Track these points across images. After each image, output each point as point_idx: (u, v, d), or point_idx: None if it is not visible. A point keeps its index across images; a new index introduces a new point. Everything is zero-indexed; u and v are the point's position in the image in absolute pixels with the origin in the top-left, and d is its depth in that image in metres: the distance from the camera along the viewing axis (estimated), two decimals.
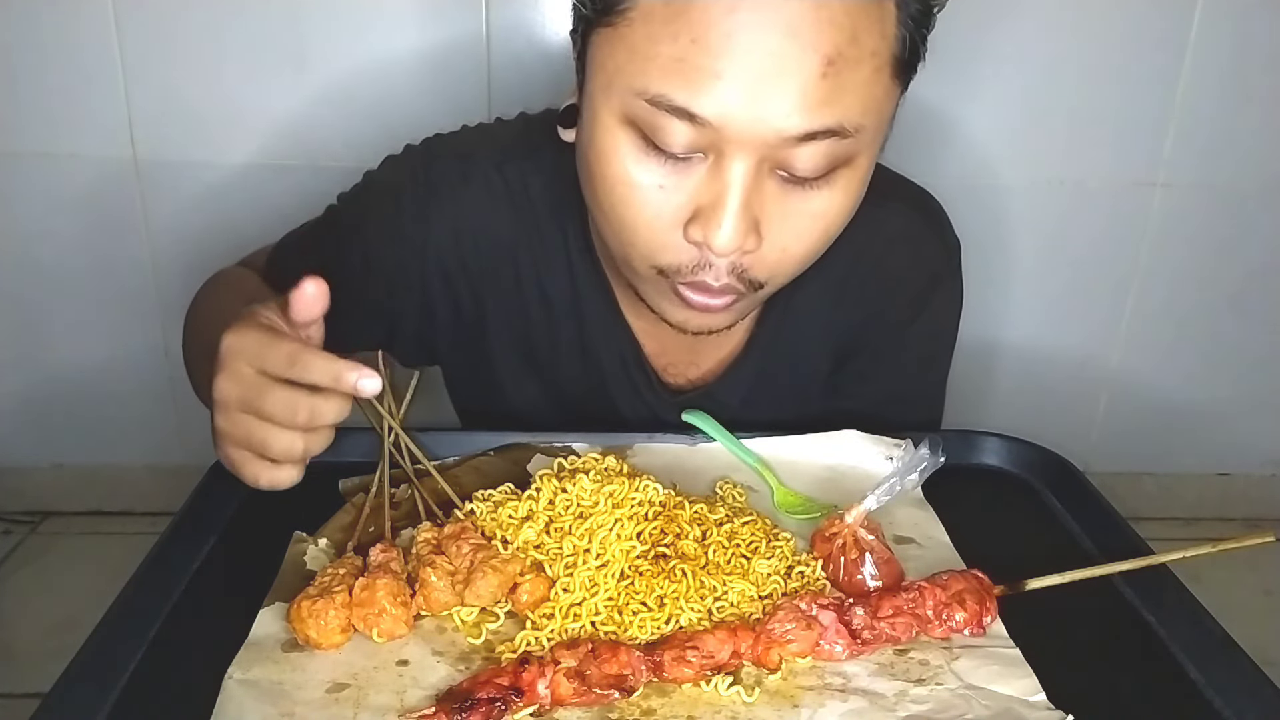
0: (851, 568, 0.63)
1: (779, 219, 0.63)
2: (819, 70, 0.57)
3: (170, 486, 1.11)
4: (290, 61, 1.40)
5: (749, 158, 0.59)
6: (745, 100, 0.57)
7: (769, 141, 0.58)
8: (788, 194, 0.62)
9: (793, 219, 0.63)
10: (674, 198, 0.62)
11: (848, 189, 0.64)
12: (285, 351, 0.54)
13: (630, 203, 0.63)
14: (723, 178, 0.60)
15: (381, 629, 0.57)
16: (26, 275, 1.52)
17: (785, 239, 0.64)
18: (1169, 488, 1.79)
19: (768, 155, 0.60)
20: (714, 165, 0.60)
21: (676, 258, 0.64)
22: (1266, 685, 0.56)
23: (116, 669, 0.56)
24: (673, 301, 0.68)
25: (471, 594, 0.59)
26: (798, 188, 0.62)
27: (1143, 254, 1.60)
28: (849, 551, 0.64)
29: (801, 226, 0.64)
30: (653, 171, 0.61)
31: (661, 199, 0.62)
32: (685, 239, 0.63)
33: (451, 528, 0.64)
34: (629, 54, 0.59)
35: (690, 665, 0.55)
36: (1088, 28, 1.44)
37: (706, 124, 0.58)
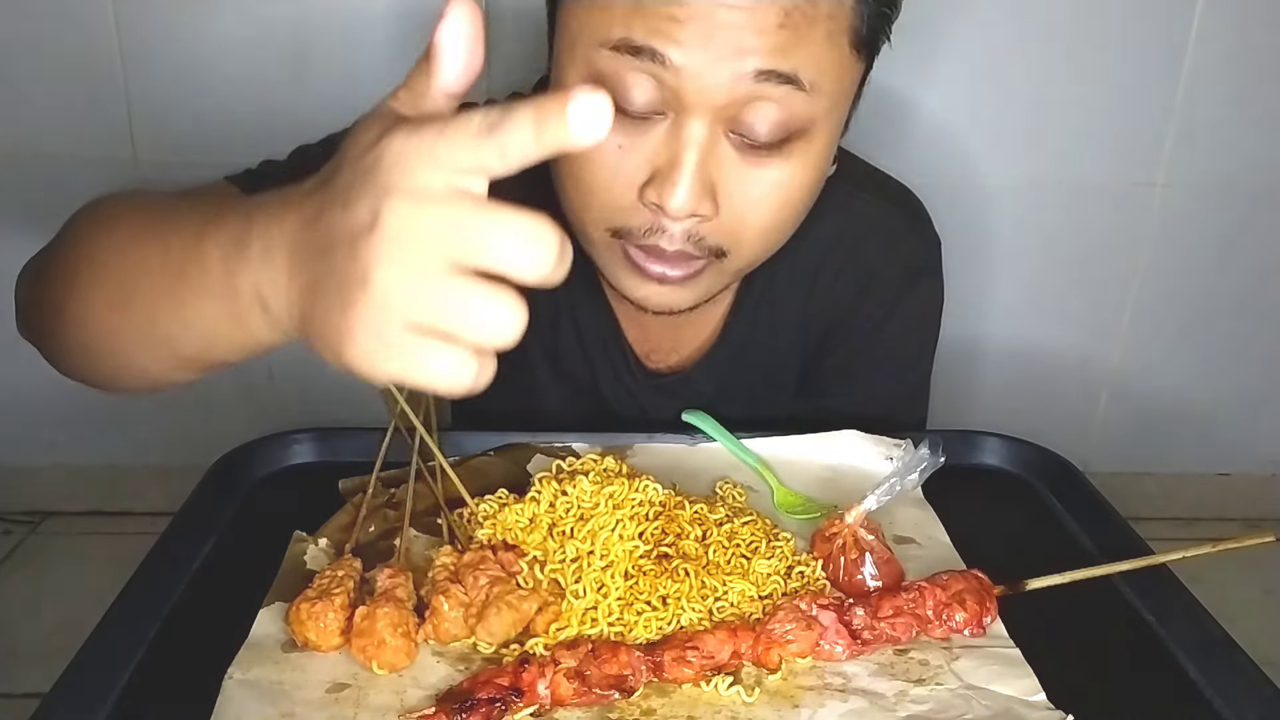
0: (851, 568, 0.64)
1: (735, 185, 0.63)
2: (775, 20, 0.59)
3: (170, 486, 1.11)
4: (290, 61, 1.40)
5: (705, 115, 0.60)
6: (702, 41, 0.59)
7: (724, 86, 0.59)
8: (744, 161, 0.63)
9: (750, 186, 0.64)
10: (631, 159, 0.63)
11: (805, 161, 0.65)
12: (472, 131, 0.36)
13: (589, 161, 0.63)
14: (680, 137, 0.61)
15: (381, 660, 0.55)
16: None
17: (742, 207, 0.64)
18: (1169, 488, 1.79)
19: (723, 111, 0.61)
20: (672, 126, 0.61)
21: (630, 220, 0.65)
22: (1266, 685, 0.56)
23: (116, 669, 0.56)
24: (630, 273, 0.68)
25: (484, 629, 0.57)
26: (754, 154, 0.63)
27: (1143, 254, 1.60)
28: (849, 552, 0.64)
29: (758, 194, 0.64)
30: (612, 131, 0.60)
31: (619, 159, 0.63)
32: (640, 200, 0.64)
33: (471, 556, 0.62)
34: (589, 7, 0.61)
35: (690, 665, 0.55)
36: (1088, 28, 1.44)
37: (666, 65, 0.59)
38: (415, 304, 0.36)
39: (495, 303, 0.36)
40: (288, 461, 0.79)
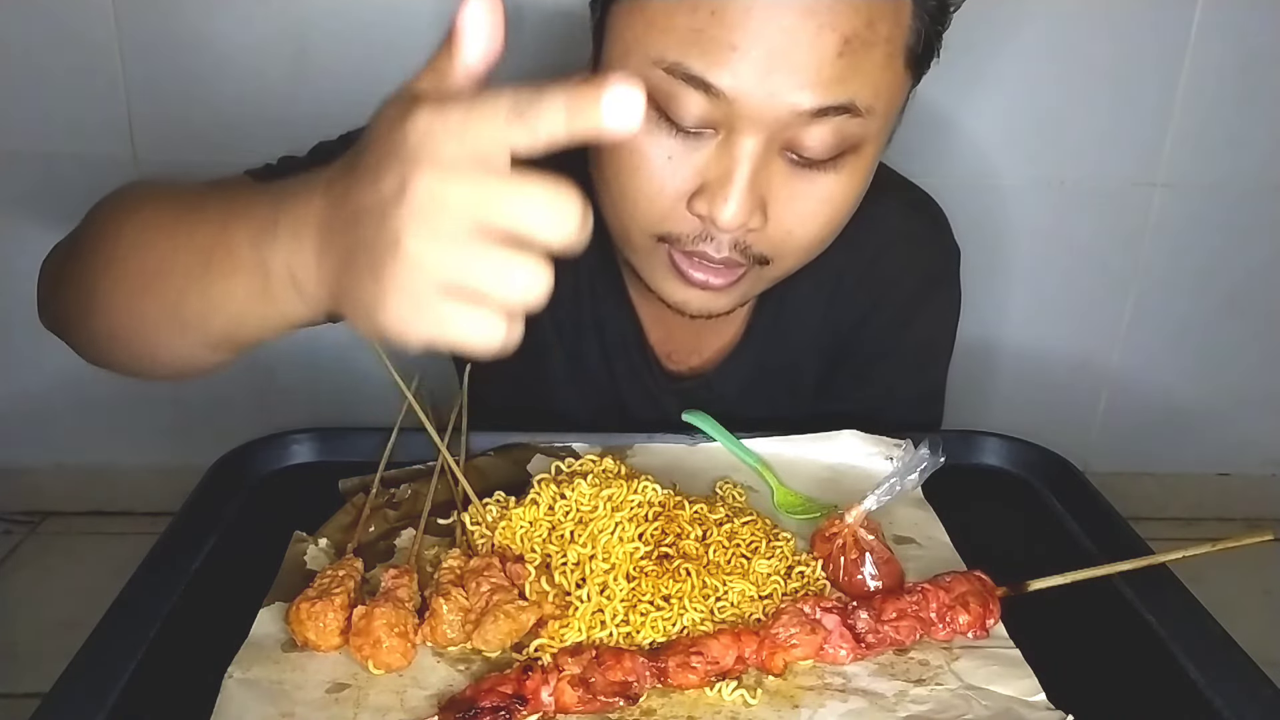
0: (851, 568, 0.63)
1: (785, 200, 0.63)
2: (835, 49, 0.58)
3: (170, 486, 1.11)
4: (290, 61, 1.40)
5: (760, 135, 0.60)
6: (760, 74, 0.58)
7: (781, 118, 0.59)
8: (796, 176, 0.63)
9: (799, 201, 0.63)
10: (681, 170, 0.62)
11: (854, 175, 0.64)
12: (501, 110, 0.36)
13: (637, 172, 0.63)
14: (732, 154, 0.60)
15: (378, 660, 0.55)
16: (27, 275, 1.52)
17: (790, 221, 0.64)
18: (1169, 488, 1.79)
19: (778, 134, 0.60)
20: (724, 141, 0.61)
21: (678, 227, 0.64)
22: (1266, 685, 0.56)
23: (116, 669, 0.56)
24: (672, 278, 0.68)
25: (479, 637, 0.57)
26: (806, 170, 0.63)
27: (1143, 254, 1.60)
28: (849, 552, 0.64)
29: (808, 210, 0.64)
30: (662, 143, 0.61)
31: (668, 170, 0.62)
32: (689, 211, 0.63)
33: (478, 562, 0.62)
34: (647, 25, 0.60)
35: (695, 671, 0.55)
36: (1088, 28, 1.44)
37: (721, 96, 0.58)
38: (445, 267, 0.38)
39: (521, 264, 0.38)
40: (288, 461, 0.79)
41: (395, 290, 0.39)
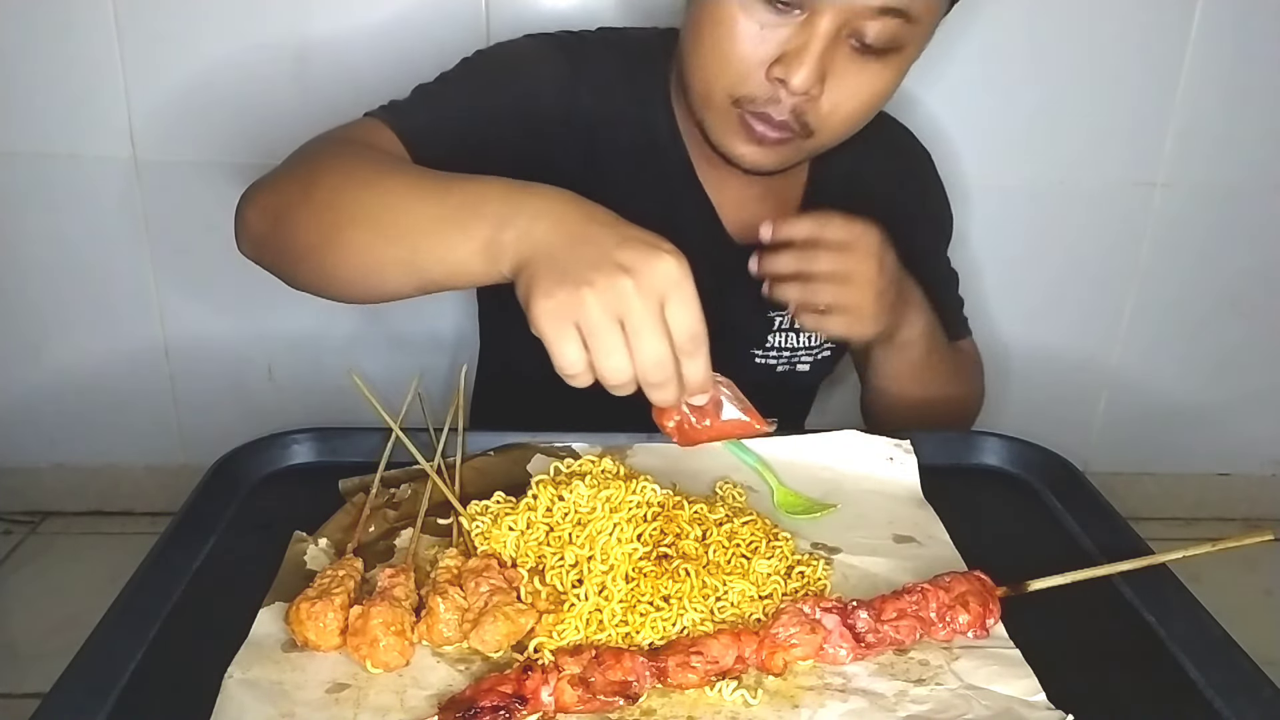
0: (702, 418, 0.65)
1: (839, 77, 0.77)
2: None
3: (170, 486, 1.11)
4: (290, 60, 1.39)
5: (834, 19, 0.74)
6: None
7: (854, 6, 0.73)
8: (852, 59, 0.77)
9: (849, 81, 0.78)
10: (769, 40, 0.76)
11: (895, 70, 0.79)
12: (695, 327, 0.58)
13: (734, 37, 0.76)
14: (810, 31, 0.74)
15: (375, 659, 0.56)
16: (26, 275, 1.52)
17: (839, 96, 0.78)
18: (1169, 488, 1.78)
19: (849, 21, 0.74)
20: (806, 21, 0.74)
21: (754, 90, 0.78)
22: (1266, 685, 0.56)
23: (116, 669, 0.56)
24: (739, 135, 0.81)
25: (476, 637, 0.57)
26: (861, 57, 0.77)
27: (1143, 254, 1.60)
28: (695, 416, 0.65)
29: (855, 88, 0.78)
30: (756, 15, 0.75)
31: (758, 38, 0.76)
32: (766, 77, 0.77)
33: (475, 562, 0.62)
34: None
35: (695, 671, 0.55)
36: (1088, 27, 1.44)
37: None
38: (589, 315, 0.56)
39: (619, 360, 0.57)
40: (288, 461, 0.79)
41: (555, 298, 0.57)
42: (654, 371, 0.57)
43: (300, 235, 0.74)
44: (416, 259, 0.67)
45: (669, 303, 0.57)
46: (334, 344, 1.55)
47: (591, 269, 0.57)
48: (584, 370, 0.57)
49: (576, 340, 0.57)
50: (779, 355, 0.99)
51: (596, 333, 0.56)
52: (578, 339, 0.57)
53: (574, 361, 0.57)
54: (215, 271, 0.84)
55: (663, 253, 0.58)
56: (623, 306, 0.56)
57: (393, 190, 0.70)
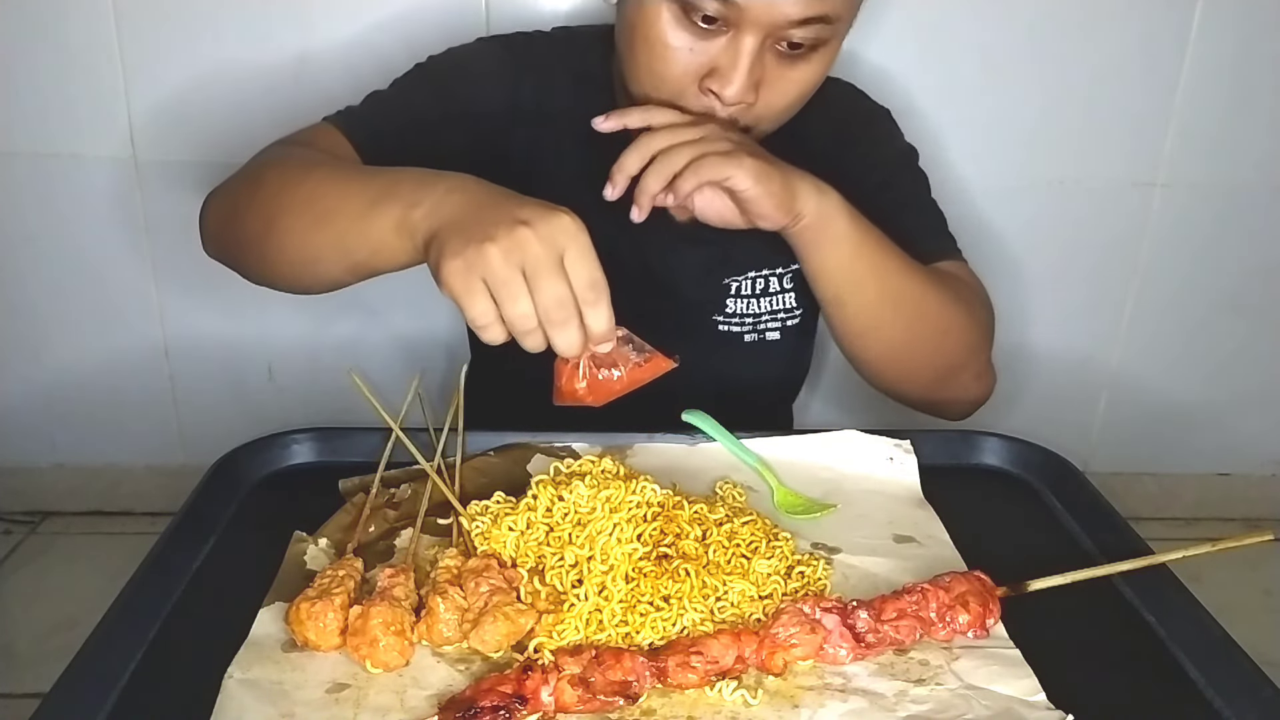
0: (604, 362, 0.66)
1: (772, 81, 0.81)
2: None
3: (170, 486, 1.11)
4: (290, 61, 1.40)
5: (759, 34, 0.77)
6: None
7: (776, 22, 0.76)
8: (780, 63, 0.80)
9: (780, 84, 0.81)
10: (698, 58, 0.79)
11: (821, 63, 0.82)
12: (594, 275, 0.61)
13: (665, 60, 0.79)
14: (738, 47, 0.77)
15: (375, 659, 0.56)
16: (26, 275, 1.52)
17: (773, 97, 0.82)
18: (1169, 488, 1.79)
19: (772, 33, 0.77)
20: (732, 37, 0.77)
21: (690, 104, 0.81)
22: (1266, 685, 0.56)
23: (116, 669, 0.56)
24: None
25: (476, 637, 0.57)
26: (788, 59, 0.80)
27: (1143, 254, 1.60)
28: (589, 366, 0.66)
29: (786, 88, 0.82)
30: (684, 38, 0.78)
31: (689, 58, 0.79)
32: (699, 89, 0.80)
33: (475, 562, 0.62)
34: None
35: (695, 671, 0.55)
36: (1088, 27, 1.44)
37: (731, 3, 0.75)
38: (494, 267, 0.60)
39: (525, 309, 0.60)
40: (288, 461, 0.79)
41: (461, 255, 0.60)
42: (555, 311, 0.60)
43: (246, 228, 0.81)
44: (344, 241, 0.72)
45: (567, 254, 0.61)
46: (334, 344, 1.55)
47: (493, 226, 0.61)
48: (494, 321, 0.61)
49: (484, 294, 0.60)
50: (742, 322, 0.99)
51: (501, 282, 0.60)
52: (485, 293, 0.60)
53: (483, 312, 0.60)
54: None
55: (559, 211, 0.62)
56: (523, 254, 0.60)
57: (323, 181, 0.76)
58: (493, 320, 0.61)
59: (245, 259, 0.83)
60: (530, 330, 0.61)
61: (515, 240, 0.60)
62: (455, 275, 0.61)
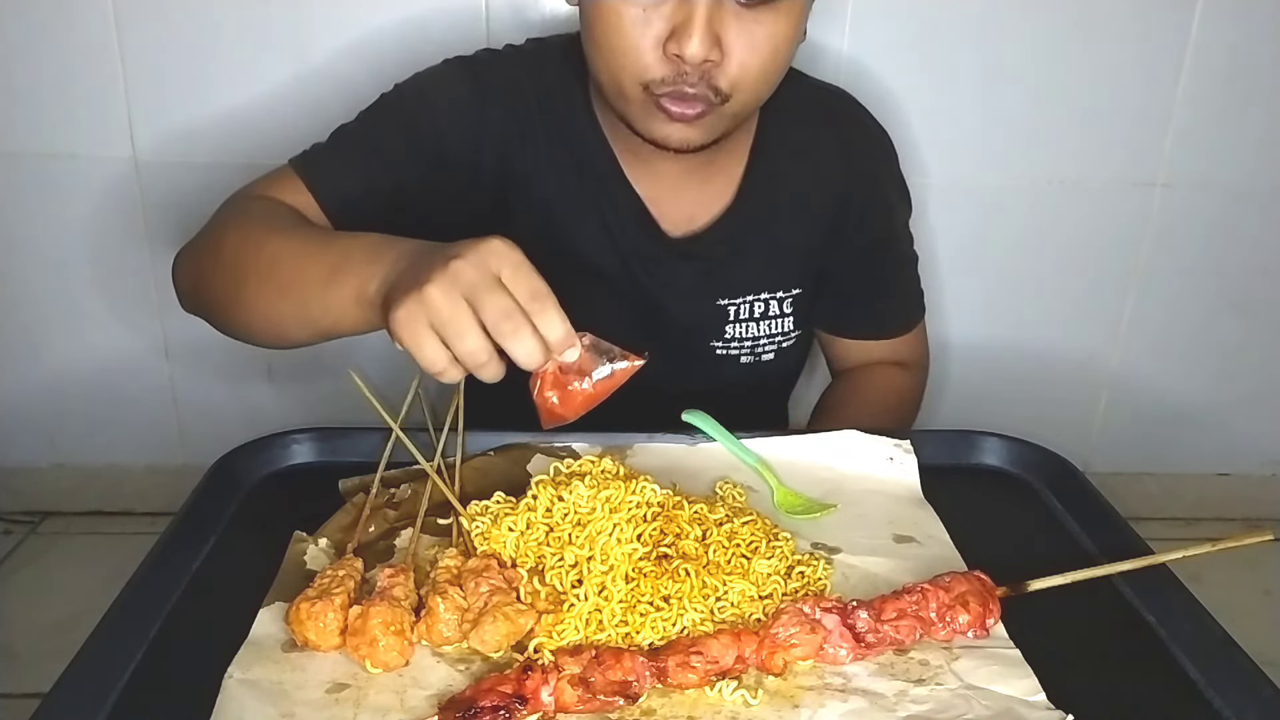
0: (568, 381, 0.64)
1: (735, 35, 0.78)
2: None
3: (170, 486, 1.11)
4: (290, 61, 1.40)
5: None
6: None
7: None
8: (741, 16, 0.78)
9: (747, 36, 0.78)
10: (654, 22, 0.77)
11: (788, 17, 0.80)
12: (535, 285, 0.61)
13: (622, 29, 0.78)
14: (690, 2, 0.75)
15: (375, 659, 0.56)
16: (26, 275, 1.52)
17: (742, 54, 0.79)
18: (1169, 488, 1.78)
19: None
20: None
21: (659, 72, 0.79)
22: (1266, 685, 0.56)
23: (116, 669, 0.56)
24: (658, 118, 0.82)
25: (476, 637, 0.57)
26: (750, 10, 0.77)
27: (1143, 254, 1.60)
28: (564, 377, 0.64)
29: (754, 42, 0.79)
30: (635, 4, 0.77)
31: (644, 22, 0.77)
32: (664, 54, 0.78)
33: (475, 562, 0.62)
34: None
35: (695, 671, 0.55)
36: (1088, 27, 1.44)
37: None
38: (440, 306, 0.59)
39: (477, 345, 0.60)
40: (288, 461, 0.79)
41: (404, 305, 0.60)
42: (504, 323, 0.59)
43: (214, 292, 0.82)
44: (306, 312, 0.73)
45: (503, 272, 0.60)
46: (334, 344, 1.55)
47: (428, 270, 0.60)
48: (448, 365, 0.60)
49: (433, 338, 0.60)
50: (740, 345, 1.00)
51: (445, 320, 0.59)
52: (434, 337, 0.60)
53: (435, 359, 0.60)
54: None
55: (489, 238, 0.62)
56: (459, 283, 0.59)
57: (281, 249, 0.76)
58: (446, 363, 0.60)
59: (218, 318, 0.84)
60: (484, 363, 0.60)
61: (450, 274, 0.59)
62: (402, 326, 0.60)
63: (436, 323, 0.59)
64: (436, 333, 0.59)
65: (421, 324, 0.60)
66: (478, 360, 0.60)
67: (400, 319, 0.60)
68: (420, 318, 0.60)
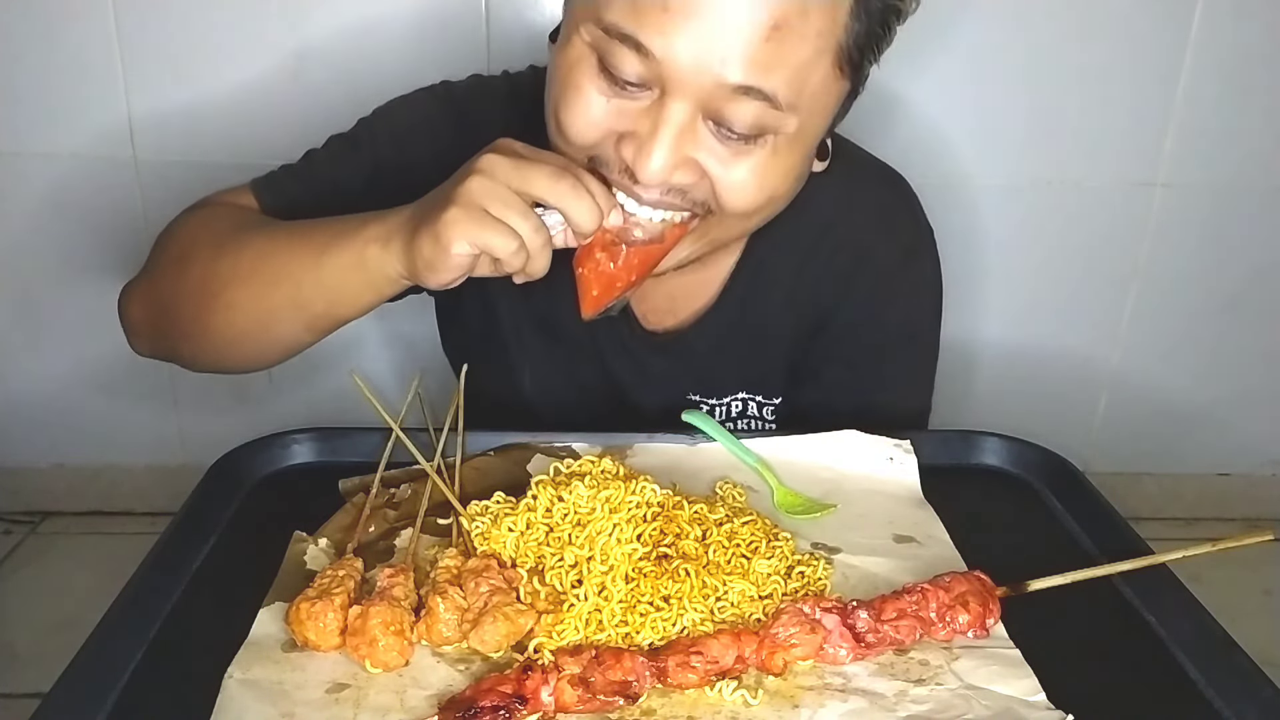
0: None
1: (716, 165, 0.67)
2: (763, 33, 0.61)
3: (170, 486, 1.11)
4: (290, 61, 1.40)
5: (687, 100, 0.64)
6: (689, 39, 0.61)
7: (705, 86, 0.62)
8: (724, 144, 0.66)
9: (728, 170, 0.67)
10: (615, 114, 0.66)
11: (785, 153, 0.68)
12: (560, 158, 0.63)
13: (575, 105, 0.67)
14: (662, 113, 0.64)
15: (375, 659, 0.55)
16: (27, 275, 1.52)
17: (725, 183, 0.67)
18: (1169, 488, 1.79)
19: (705, 102, 0.64)
20: (657, 100, 0.65)
21: (606, 156, 0.68)
22: (1266, 685, 0.56)
23: (116, 669, 0.56)
24: None
25: (476, 637, 0.57)
26: (730, 142, 0.66)
27: (1143, 254, 1.60)
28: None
29: (739, 177, 0.67)
30: (603, 90, 0.66)
31: (604, 113, 0.66)
32: (616, 151, 0.67)
33: (475, 562, 0.62)
34: None
35: (695, 671, 0.54)
36: (1088, 28, 1.44)
37: (651, 56, 0.62)
38: (489, 199, 0.61)
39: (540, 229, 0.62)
40: (288, 461, 0.79)
41: (454, 208, 0.61)
42: (559, 184, 0.61)
43: (184, 311, 0.76)
44: (300, 295, 0.70)
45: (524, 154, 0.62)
46: (334, 344, 1.55)
47: (458, 180, 0.62)
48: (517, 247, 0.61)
49: (495, 223, 0.61)
50: None
51: (503, 199, 0.61)
52: (495, 222, 0.61)
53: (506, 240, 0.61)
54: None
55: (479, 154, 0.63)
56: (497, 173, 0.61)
57: (267, 242, 0.73)
58: (517, 244, 0.61)
59: (189, 345, 0.78)
60: (545, 241, 0.62)
61: (483, 168, 0.61)
62: (458, 224, 0.60)
63: (494, 207, 0.60)
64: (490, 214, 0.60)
65: (478, 213, 0.60)
66: (541, 238, 0.61)
67: (453, 217, 0.60)
68: (474, 209, 0.60)
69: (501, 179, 0.61)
